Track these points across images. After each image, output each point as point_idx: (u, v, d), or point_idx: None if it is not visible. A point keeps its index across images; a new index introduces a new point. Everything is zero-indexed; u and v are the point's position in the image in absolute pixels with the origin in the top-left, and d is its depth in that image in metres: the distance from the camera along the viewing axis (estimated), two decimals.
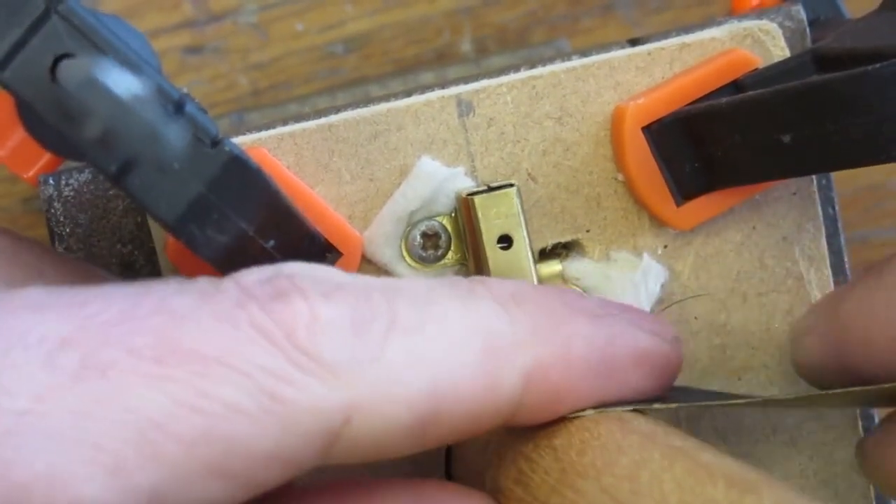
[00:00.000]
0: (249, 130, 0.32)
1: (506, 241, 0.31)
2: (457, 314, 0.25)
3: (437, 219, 0.32)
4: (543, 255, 0.33)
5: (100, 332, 0.21)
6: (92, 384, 0.21)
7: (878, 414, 0.35)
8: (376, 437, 0.23)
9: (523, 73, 0.32)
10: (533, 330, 0.25)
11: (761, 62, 0.32)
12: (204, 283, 0.24)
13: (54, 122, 0.23)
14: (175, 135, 0.20)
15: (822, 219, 0.34)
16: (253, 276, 0.24)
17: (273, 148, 0.31)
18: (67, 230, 0.32)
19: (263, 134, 0.31)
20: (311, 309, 0.23)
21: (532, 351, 0.25)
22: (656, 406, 0.27)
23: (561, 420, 0.28)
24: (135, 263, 0.32)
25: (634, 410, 0.28)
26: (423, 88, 0.32)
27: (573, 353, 0.25)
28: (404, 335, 0.24)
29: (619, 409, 0.28)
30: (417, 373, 0.23)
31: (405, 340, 0.24)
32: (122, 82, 0.18)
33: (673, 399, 0.28)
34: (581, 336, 0.26)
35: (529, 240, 0.31)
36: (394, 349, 0.23)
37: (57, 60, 0.23)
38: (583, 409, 0.26)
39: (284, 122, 0.32)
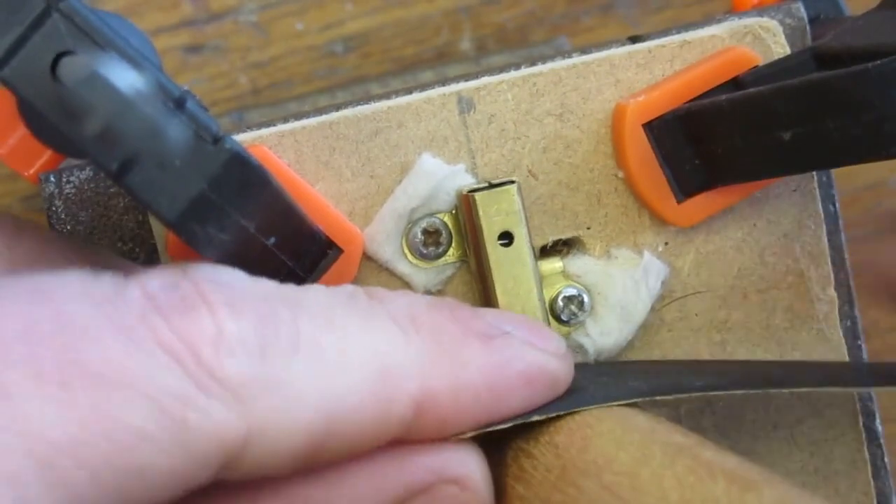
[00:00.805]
0: (250, 129, 0.32)
1: (506, 238, 0.31)
2: (356, 335, 0.25)
3: (438, 216, 0.32)
4: (544, 252, 0.33)
5: (3, 350, 0.21)
6: None
7: (880, 414, 0.35)
8: (271, 458, 0.23)
9: (524, 71, 0.32)
10: (427, 355, 0.25)
11: (761, 60, 0.32)
12: (108, 283, 0.23)
13: (55, 120, 0.23)
14: (176, 131, 0.20)
15: (822, 216, 0.34)
16: (157, 279, 0.24)
17: (274, 145, 0.31)
18: (68, 228, 0.32)
19: (264, 131, 0.31)
20: (216, 324, 0.23)
21: (424, 378, 0.25)
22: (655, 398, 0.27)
23: (562, 417, 0.28)
24: (136, 261, 0.32)
25: (634, 407, 0.28)
26: (424, 86, 0.32)
27: (464, 382, 0.26)
28: (307, 357, 0.24)
29: (619, 405, 0.28)
30: (317, 396, 0.24)
31: (307, 363, 0.24)
32: (125, 77, 0.18)
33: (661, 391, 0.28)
34: (473, 364, 0.26)
35: (530, 237, 0.31)
36: (296, 371, 0.23)
37: (57, 58, 0.23)
38: (465, 433, 0.26)
39: (285, 120, 0.32)
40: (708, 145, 0.31)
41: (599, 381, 0.31)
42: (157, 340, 0.22)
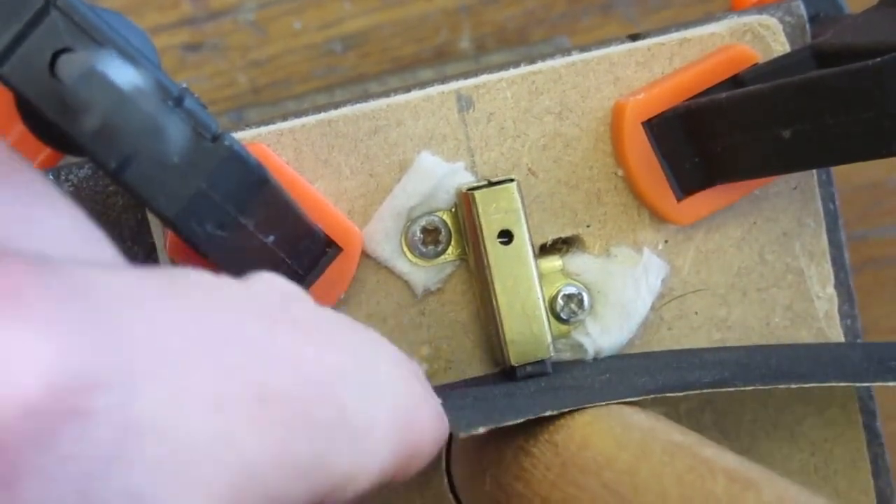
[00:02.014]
0: (248, 127, 0.32)
1: (506, 236, 0.31)
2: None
3: (437, 214, 0.32)
4: (543, 250, 0.33)
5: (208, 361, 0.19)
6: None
7: (880, 413, 0.35)
8: (355, 492, 0.22)
9: (523, 69, 0.32)
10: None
11: (761, 57, 0.32)
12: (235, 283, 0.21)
13: (53, 117, 0.23)
14: (175, 129, 0.20)
15: (822, 214, 0.33)
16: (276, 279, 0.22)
17: (273, 143, 0.31)
18: None
19: (263, 129, 0.31)
20: None
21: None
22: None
23: (562, 416, 0.28)
24: (135, 259, 0.32)
25: (634, 405, 0.28)
26: (423, 84, 0.32)
27: None
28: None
29: (618, 403, 0.28)
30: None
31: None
32: (123, 74, 0.18)
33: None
34: None
35: (530, 235, 0.31)
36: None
37: (56, 55, 0.23)
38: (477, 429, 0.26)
39: (284, 118, 0.31)
40: (707, 143, 0.31)
41: (602, 378, 0.31)
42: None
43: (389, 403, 0.22)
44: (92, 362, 0.16)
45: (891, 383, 0.28)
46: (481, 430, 0.26)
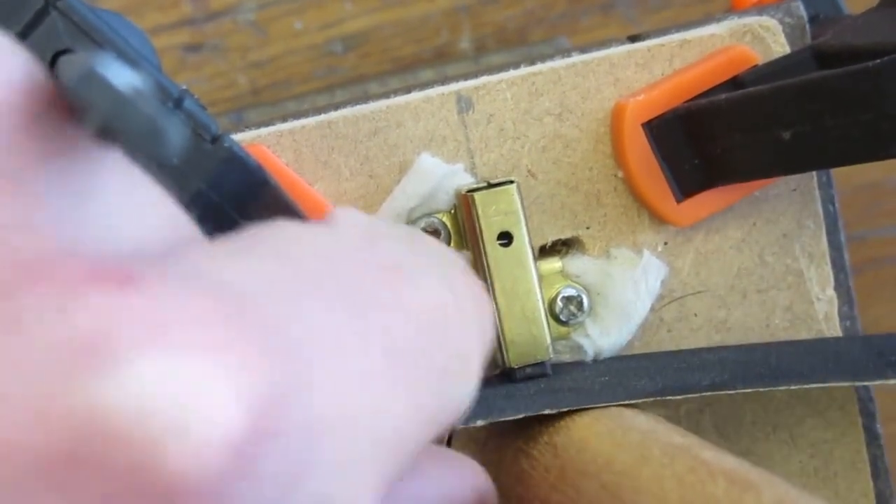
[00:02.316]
0: (248, 128, 0.32)
1: (506, 237, 0.31)
2: None
3: (437, 216, 0.32)
4: (543, 252, 0.33)
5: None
6: None
7: (879, 414, 0.35)
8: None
9: (523, 70, 0.32)
10: None
11: (761, 59, 0.32)
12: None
13: None
14: (175, 130, 0.19)
15: (822, 215, 0.33)
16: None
17: (272, 145, 0.31)
18: None
19: (263, 131, 0.31)
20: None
21: None
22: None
23: (561, 418, 0.28)
24: None
25: (634, 407, 0.28)
26: (423, 85, 0.32)
27: None
28: None
29: (619, 405, 0.28)
30: None
31: None
32: (123, 76, 0.18)
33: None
34: None
35: (529, 237, 0.31)
36: None
37: (56, 56, 0.23)
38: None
39: (284, 119, 0.31)
40: (707, 145, 0.31)
41: (601, 380, 0.30)
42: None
43: (475, 321, 0.22)
44: (274, 379, 0.15)
45: (892, 381, 0.28)
46: (479, 422, 0.26)
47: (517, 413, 0.27)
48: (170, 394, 0.14)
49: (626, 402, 0.28)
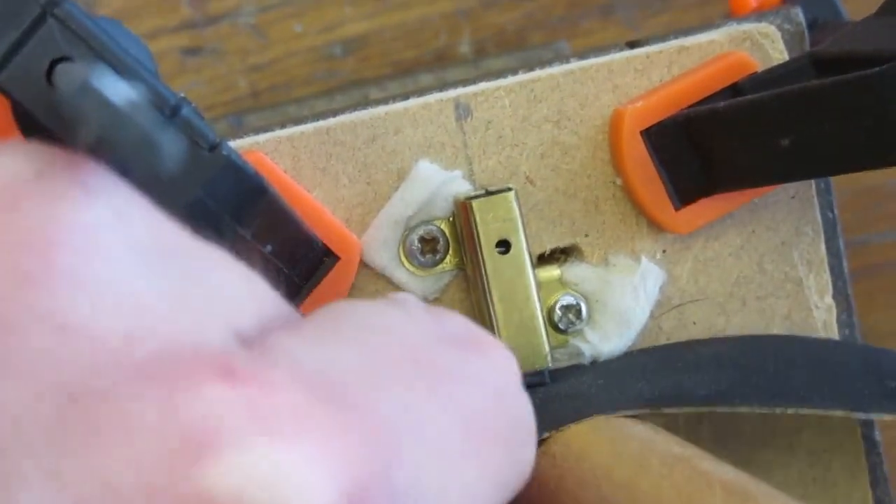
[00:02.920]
0: (248, 132, 0.31)
1: (504, 245, 0.31)
2: None
3: (435, 223, 0.32)
4: (542, 259, 0.33)
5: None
6: None
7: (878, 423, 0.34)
8: None
9: (521, 76, 0.32)
10: None
11: (760, 65, 0.32)
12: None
13: (50, 126, 0.23)
14: (171, 141, 0.19)
15: (821, 223, 0.33)
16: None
17: (270, 151, 0.31)
18: None
19: (261, 137, 0.31)
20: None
21: None
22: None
23: (559, 428, 0.28)
24: None
25: (632, 417, 0.28)
26: (421, 91, 0.32)
27: None
28: None
29: (618, 415, 0.28)
30: None
31: None
32: (118, 89, 0.18)
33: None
34: None
35: (528, 244, 0.31)
36: None
37: (53, 64, 0.23)
38: None
39: (282, 126, 0.31)
40: (706, 151, 0.31)
41: (598, 383, 0.30)
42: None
43: (520, 384, 0.23)
44: (365, 461, 0.16)
45: (887, 416, 0.28)
46: None
47: None
48: (271, 479, 0.15)
49: (627, 411, 0.28)
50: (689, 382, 0.29)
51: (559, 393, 0.30)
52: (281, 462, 0.15)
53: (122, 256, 0.17)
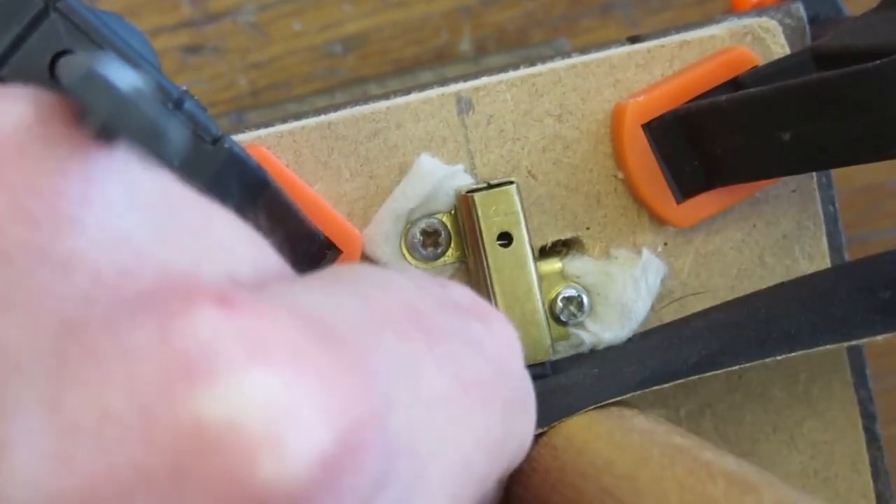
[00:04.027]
0: (248, 129, 0.32)
1: (506, 238, 0.31)
2: None
3: (437, 216, 0.32)
4: (543, 252, 0.33)
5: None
6: None
7: (880, 416, 0.35)
8: None
9: (523, 71, 0.32)
10: None
11: (761, 60, 0.32)
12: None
13: None
14: (175, 131, 0.19)
15: (822, 216, 0.33)
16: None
17: (272, 146, 0.31)
18: None
19: (263, 132, 0.31)
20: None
21: None
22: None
23: (561, 419, 0.28)
24: None
25: (633, 407, 0.28)
26: (423, 86, 0.32)
27: None
28: None
29: (617, 406, 0.28)
30: None
31: None
32: (123, 76, 0.18)
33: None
34: None
35: (529, 237, 0.31)
36: None
37: (56, 57, 0.23)
38: None
39: (284, 120, 0.31)
40: (707, 146, 0.31)
41: (592, 373, 0.30)
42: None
43: (521, 356, 0.23)
44: (360, 401, 0.17)
45: (880, 336, 0.28)
46: None
47: None
48: (266, 408, 0.15)
49: (618, 397, 0.28)
50: (680, 355, 0.29)
51: (556, 385, 0.30)
52: (276, 393, 0.15)
53: (123, 203, 0.18)
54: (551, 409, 0.28)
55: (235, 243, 0.20)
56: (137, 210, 0.18)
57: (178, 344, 0.15)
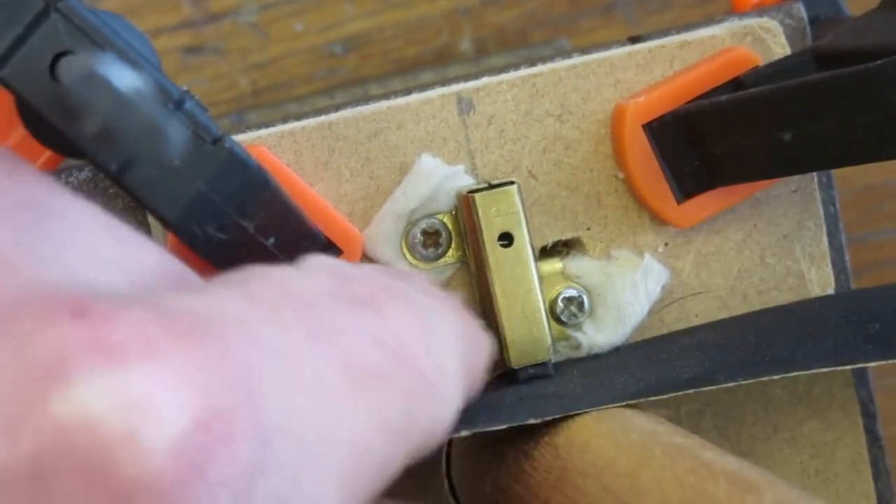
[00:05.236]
0: (249, 130, 0.32)
1: (506, 238, 0.31)
2: None
3: (438, 217, 0.32)
4: (544, 252, 0.33)
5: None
6: None
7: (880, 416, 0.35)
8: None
9: (524, 71, 0.32)
10: None
11: (762, 60, 0.32)
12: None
13: (54, 120, 0.23)
14: (176, 131, 0.20)
15: (823, 217, 0.33)
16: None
17: (273, 146, 0.31)
18: None
19: (263, 132, 0.31)
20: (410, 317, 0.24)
21: None
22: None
23: (562, 419, 0.28)
24: None
25: (634, 407, 0.28)
26: (423, 87, 0.32)
27: None
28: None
29: (620, 406, 0.28)
30: None
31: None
32: (124, 77, 0.18)
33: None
34: None
35: (530, 237, 0.31)
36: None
37: (56, 58, 0.23)
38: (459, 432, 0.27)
39: (284, 120, 0.32)
40: (708, 146, 0.31)
41: (583, 382, 0.30)
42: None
43: (451, 346, 0.24)
44: (222, 391, 0.17)
45: (873, 363, 0.28)
46: (464, 433, 0.26)
47: (500, 424, 0.27)
48: (116, 405, 0.16)
49: (611, 405, 0.28)
50: (672, 370, 0.29)
51: (546, 392, 0.30)
52: (128, 389, 0.16)
53: None
54: (538, 415, 0.28)
55: (102, 250, 0.20)
56: (4, 218, 0.19)
57: (36, 353, 0.16)
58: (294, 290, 0.21)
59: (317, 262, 0.24)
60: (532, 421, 0.27)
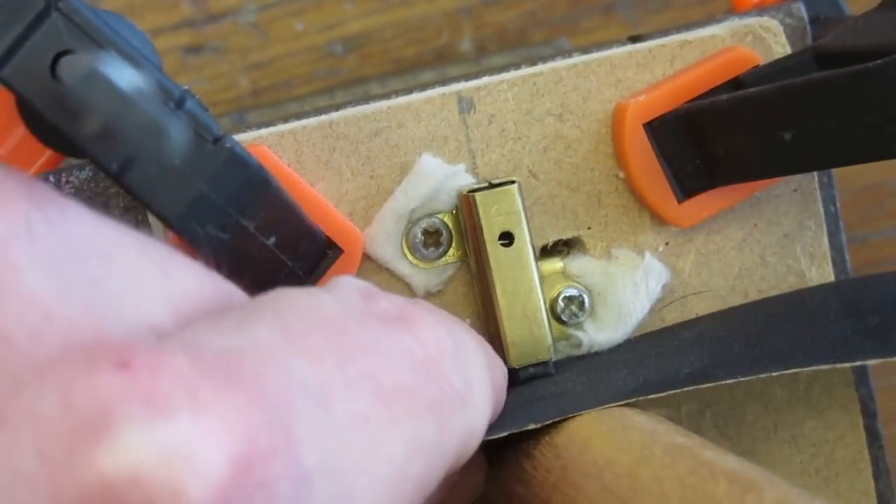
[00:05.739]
0: (249, 129, 0.31)
1: (507, 238, 0.31)
2: None
3: (438, 216, 0.32)
4: (545, 252, 0.33)
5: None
6: None
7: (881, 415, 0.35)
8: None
9: (524, 70, 0.32)
10: None
11: (762, 59, 0.32)
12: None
13: (54, 119, 0.23)
14: (176, 130, 0.20)
15: (823, 216, 0.33)
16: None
17: (274, 145, 0.31)
18: None
19: (264, 131, 0.31)
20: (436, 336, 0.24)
21: None
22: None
23: (563, 419, 0.28)
24: None
25: (634, 407, 0.28)
26: (424, 86, 0.32)
27: None
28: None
29: (621, 405, 0.28)
30: None
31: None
32: (124, 76, 0.18)
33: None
34: None
35: (531, 237, 0.31)
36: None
37: (57, 57, 0.23)
38: None
39: (285, 120, 0.31)
40: (708, 145, 0.31)
41: (582, 380, 0.30)
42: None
43: (477, 362, 0.25)
44: (261, 434, 0.17)
45: (871, 361, 0.28)
46: None
47: (501, 432, 0.27)
48: (161, 458, 0.16)
49: (611, 404, 0.28)
50: (671, 365, 0.29)
51: (545, 392, 0.30)
52: (172, 442, 0.16)
53: (29, 266, 0.18)
54: (538, 416, 0.28)
55: (147, 289, 0.20)
56: (43, 268, 0.19)
57: (80, 406, 0.16)
58: (324, 316, 0.21)
59: (346, 282, 0.24)
60: (532, 426, 0.27)
